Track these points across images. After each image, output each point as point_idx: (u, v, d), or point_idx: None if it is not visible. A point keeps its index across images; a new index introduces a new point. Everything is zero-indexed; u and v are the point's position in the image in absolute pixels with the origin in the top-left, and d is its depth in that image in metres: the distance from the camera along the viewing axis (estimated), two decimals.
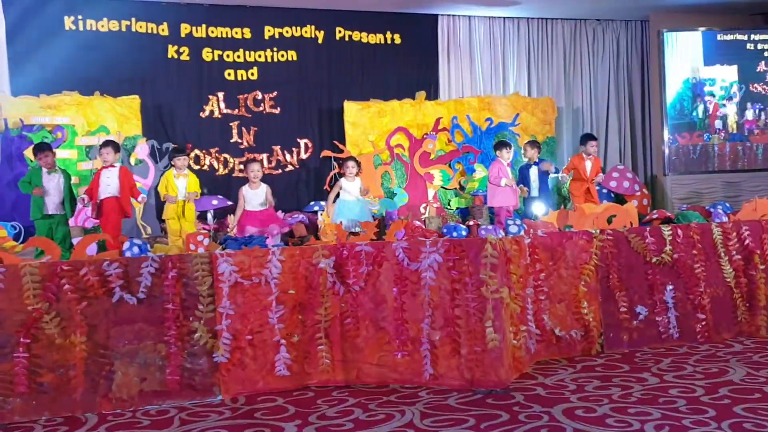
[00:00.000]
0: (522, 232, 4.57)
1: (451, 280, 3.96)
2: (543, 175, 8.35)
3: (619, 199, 9.83)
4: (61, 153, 8.24)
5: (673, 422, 3.16)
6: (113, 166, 7.19)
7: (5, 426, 3.56)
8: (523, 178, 8.33)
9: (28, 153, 8.47)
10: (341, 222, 7.10)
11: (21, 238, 7.91)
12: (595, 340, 4.67)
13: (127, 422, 3.56)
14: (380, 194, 9.74)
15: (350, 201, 7.63)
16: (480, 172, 9.97)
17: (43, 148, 7.03)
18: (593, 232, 4.76)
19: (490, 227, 4.44)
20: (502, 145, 8.34)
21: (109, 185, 7.12)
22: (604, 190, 10.01)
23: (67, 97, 8.96)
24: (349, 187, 7.69)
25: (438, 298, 3.98)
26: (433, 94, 10.83)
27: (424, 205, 9.80)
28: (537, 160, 8.42)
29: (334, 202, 7.88)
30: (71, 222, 7.49)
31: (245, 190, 7.28)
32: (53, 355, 3.70)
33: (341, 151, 9.84)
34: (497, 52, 11.36)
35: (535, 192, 8.24)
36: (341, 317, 4.13)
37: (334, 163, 9.93)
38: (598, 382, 3.92)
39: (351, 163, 7.84)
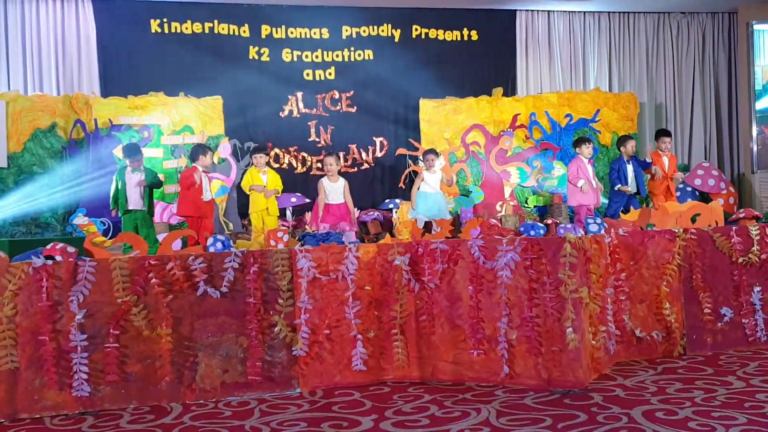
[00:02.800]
0: (602, 231, 4.48)
1: (529, 279, 3.93)
2: (639, 171, 8.07)
3: (704, 197, 9.50)
4: (147, 152, 8.58)
5: (760, 428, 3.05)
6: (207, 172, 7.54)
7: (96, 413, 3.74)
8: (621, 175, 7.97)
9: (117, 152, 8.88)
10: (416, 219, 7.14)
11: (110, 234, 8.29)
12: (677, 341, 4.54)
13: (210, 412, 3.69)
14: (455, 192, 9.72)
15: (430, 193, 7.63)
16: (559, 169, 9.81)
17: (133, 153, 7.35)
18: (676, 231, 4.63)
19: (569, 226, 4.38)
20: (581, 141, 8.17)
21: (207, 191, 7.44)
22: (689, 188, 9.68)
23: (153, 98, 9.32)
24: (430, 180, 7.68)
25: (515, 297, 3.95)
26: (510, 91, 10.72)
27: (500, 203, 9.72)
28: (634, 155, 8.14)
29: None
30: (156, 219, 7.80)
31: (324, 182, 7.43)
32: (140, 346, 3.86)
33: (416, 149, 9.86)
34: (577, 47, 11.17)
35: (633, 188, 7.96)
36: (416, 314, 4.15)
37: (409, 161, 9.97)
38: (680, 385, 3.82)
39: (430, 156, 7.83)
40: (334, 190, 7.43)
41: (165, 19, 9.95)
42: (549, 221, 5.14)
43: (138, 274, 3.86)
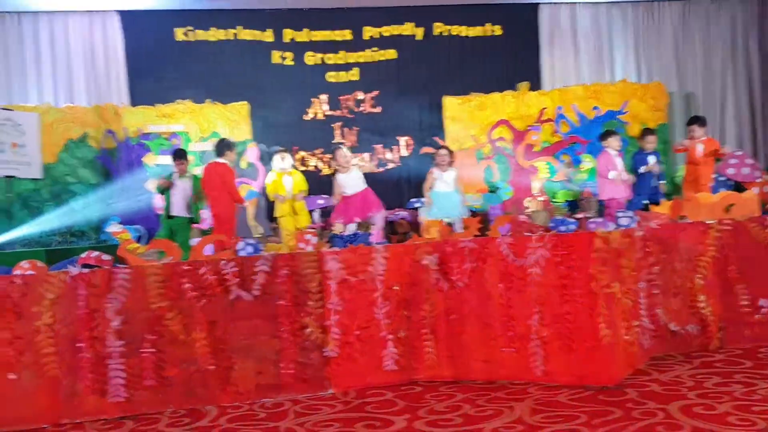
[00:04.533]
0: (633, 225, 4.44)
1: (559, 275, 3.90)
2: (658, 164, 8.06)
3: (739, 187, 9.34)
4: None
5: None
6: None
7: (135, 417, 3.81)
8: (643, 162, 7.99)
9: (147, 160, 9.01)
10: (431, 218, 7.13)
11: (143, 241, 8.41)
12: (713, 335, 4.48)
13: (245, 414, 3.74)
14: (483, 189, 9.68)
15: (443, 192, 7.57)
16: (588, 162, 9.72)
17: (180, 156, 7.42)
18: (710, 222, 4.57)
19: (599, 220, 4.34)
20: (609, 134, 8.08)
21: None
22: (722, 178, 9.53)
23: (180, 106, 9.44)
24: (442, 178, 7.63)
25: (546, 294, 3.93)
26: (536, 85, 10.64)
27: (529, 198, 9.66)
28: (656, 151, 8.11)
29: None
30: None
31: (338, 176, 7.47)
32: (176, 350, 3.92)
33: (441, 147, 9.84)
34: (602, 39, 11.07)
35: (654, 181, 7.92)
36: (446, 313, 4.15)
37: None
38: (717, 379, 3.77)
39: (443, 152, 7.76)
40: (350, 180, 7.43)
41: (190, 28, 10.07)
42: (579, 216, 5.10)
43: (172, 280, 3.92)
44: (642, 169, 7.90)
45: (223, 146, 7.31)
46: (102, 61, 9.93)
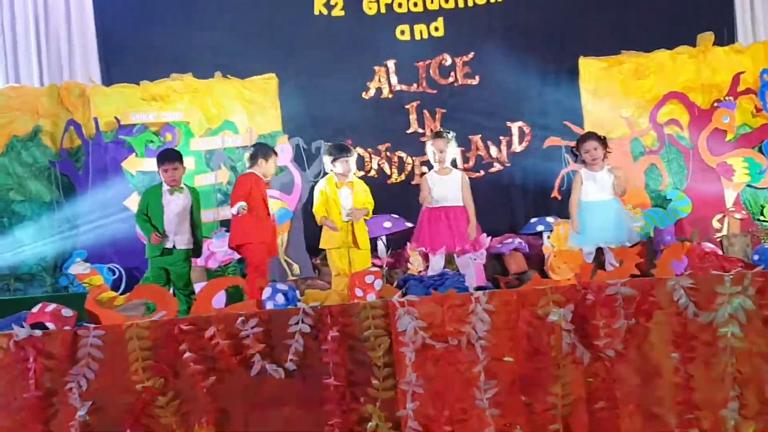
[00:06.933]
0: None
1: None
2: None
3: None
4: None
5: None
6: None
7: None
8: None
9: (128, 165, 9.15)
10: (581, 248, 7.03)
11: (122, 286, 8.53)
12: None
13: None
14: (645, 201, 9.56)
15: (598, 203, 7.39)
16: None
17: (170, 158, 7.44)
18: None
19: None
20: None
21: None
22: None
23: (177, 83, 9.57)
24: (593, 181, 7.43)
25: (749, 368, 3.89)
26: (726, 38, 10.49)
27: (719, 216, 9.50)
28: None
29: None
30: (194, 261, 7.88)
31: (429, 176, 7.46)
32: None
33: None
34: None
35: None
36: (588, 399, 4.13)
37: (566, 156, 9.83)
38: None
39: (591, 144, 7.54)
40: (445, 186, 7.42)
41: None
42: None
43: (165, 347, 3.99)
44: None
45: (258, 152, 7.49)
46: (61, 22, 10.24)
